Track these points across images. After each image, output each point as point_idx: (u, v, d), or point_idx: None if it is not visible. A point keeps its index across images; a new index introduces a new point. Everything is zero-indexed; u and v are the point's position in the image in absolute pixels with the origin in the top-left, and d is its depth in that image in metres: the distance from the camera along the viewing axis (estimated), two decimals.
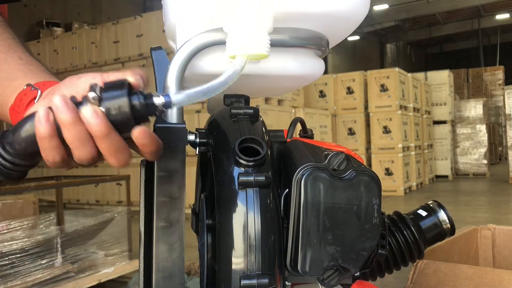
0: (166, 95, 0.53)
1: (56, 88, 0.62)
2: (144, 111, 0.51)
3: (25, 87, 0.67)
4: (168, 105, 0.53)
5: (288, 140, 0.73)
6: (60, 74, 3.98)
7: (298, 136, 0.83)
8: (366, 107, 8.09)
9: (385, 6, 16.77)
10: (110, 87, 0.51)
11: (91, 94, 0.50)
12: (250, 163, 0.57)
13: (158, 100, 0.52)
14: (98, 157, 0.55)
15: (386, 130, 7.76)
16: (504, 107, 9.44)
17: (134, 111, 0.51)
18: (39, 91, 0.65)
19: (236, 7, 0.60)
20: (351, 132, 8.09)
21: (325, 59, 0.79)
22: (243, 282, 0.55)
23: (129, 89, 0.51)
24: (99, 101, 0.50)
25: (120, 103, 0.50)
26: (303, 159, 0.60)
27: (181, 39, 0.65)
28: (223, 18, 0.62)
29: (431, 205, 0.81)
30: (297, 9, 0.63)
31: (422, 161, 8.76)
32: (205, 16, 0.63)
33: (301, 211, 0.57)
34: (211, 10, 0.62)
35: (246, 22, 0.60)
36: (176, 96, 0.53)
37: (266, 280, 0.55)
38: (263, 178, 0.57)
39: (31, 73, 0.73)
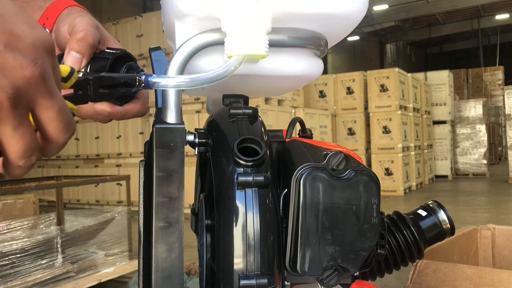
0: (148, 75, 0.57)
1: None
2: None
3: None
4: (147, 83, 0.56)
5: (287, 140, 0.73)
6: None
7: (297, 136, 0.83)
8: (366, 107, 8.09)
9: (385, 6, 16.77)
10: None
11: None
12: (249, 163, 0.57)
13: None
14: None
15: (386, 130, 7.76)
16: (504, 107, 9.44)
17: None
18: None
19: (234, 7, 0.60)
20: (351, 132, 8.09)
21: (324, 59, 0.79)
22: (242, 282, 0.55)
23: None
24: None
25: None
26: (302, 159, 0.60)
27: (180, 39, 0.65)
28: (221, 18, 0.62)
29: (431, 205, 0.81)
30: (296, 9, 0.63)
31: (422, 161, 8.76)
32: (203, 16, 0.63)
33: (300, 211, 0.57)
34: (210, 10, 0.62)
35: (245, 22, 0.60)
36: (157, 78, 0.56)
37: (265, 280, 0.55)
38: (262, 178, 0.57)
39: None
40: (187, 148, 0.62)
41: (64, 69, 0.48)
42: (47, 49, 0.41)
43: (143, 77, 0.56)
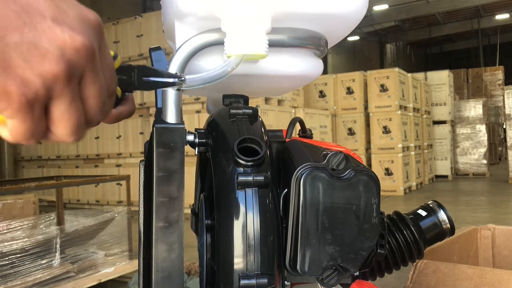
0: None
1: None
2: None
3: None
4: None
5: (287, 140, 0.73)
6: None
7: (297, 136, 0.83)
8: (366, 107, 8.09)
9: (385, 6, 16.76)
10: None
11: None
12: (249, 163, 0.57)
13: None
14: None
15: (386, 130, 7.76)
16: (504, 107, 9.44)
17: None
18: None
19: (234, 7, 0.60)
20: (351, 132, 8.09)
21: (324, 59, 0.79)
22: (242, 282, 0.55)
23: None
24: None
25: None
26: (302, 159, 0.60)
27: (180, 39, 0.65)
28: (221, 18, 0.62)
29: (431, 205, 0.81)
30: (296, 9, 0.63)
31: (422, 161, 8.76)
32: (203, 16, 0.63)
33: (300, 210, 0.57)
34: (210, 10, 0.62)
35: (244, 22, 0.60)
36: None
37: (265, 280, 0.55)
38: (262, 178, 0.57)
39: None
40: (187, 148, 0.62)
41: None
42: (93, 25, 0.40)
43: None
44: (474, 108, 10.38)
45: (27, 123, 0.37)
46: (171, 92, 0.60)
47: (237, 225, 0.57)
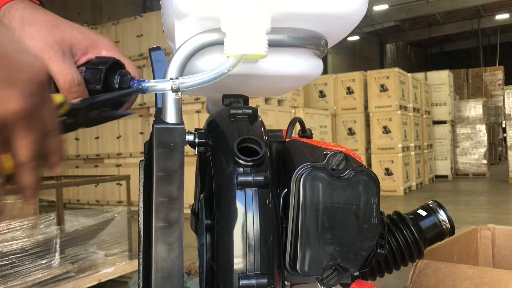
0: (141, 81, 0.60)
1: None
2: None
3: None
4: (141, 89, 0.59)
5: (287, 140, 0.73)
6: None
7: (297, 136, 0.83)
8: (366, 107, 8.09)
9: (385, 6, 16.76)
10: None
11: None
12: (249, 163, 0.57)
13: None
14: None
15: (386, 130, 7.76)
16: (504, 107, 9.44)
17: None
18: None
19: (234, 7, 0.60)
20: (351, 132, 8.09)
21: (324, 59, 0.79)
22: (242, 282, 0.55)
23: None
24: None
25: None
26: (302, 159, 0.60)
27: (180, 39, 0.65)
28: (221, 18, 0.62)
29: (431, 205, 0.81)
30: (296, 9, 0.63)
31: (422, 161, 8.76)
32: (203, 16, 0.63)
33: (300, 210, 0.57)
34: (210, 10, 0.62)
35: (244, 22, 0.60)
36: (149, 82, 0.59)
37: (265, 280, 0.55)
38: (261, 178, 0.57)
39: None
40: (187, 148, 0.62)
41: (57, 98, 0.50)
42: (41, 83, 0.44)
43: (135, 84, 0.60)
44: (474, 108, 10.38)
45: None
46: (170, 92, 0.60)
47: (237, 225, 0.57)
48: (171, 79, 0.58)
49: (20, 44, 0.44)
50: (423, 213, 0.80)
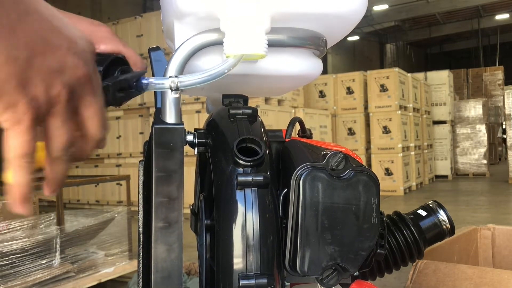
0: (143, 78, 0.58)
1: None
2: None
3: None
4: (140, 86, 0.58)
5: (287, 140, 0.73)
6: None
7: (297, 136, 0.83)
8: (366, 107, 8.09)
9: (385, 6, 16.76)
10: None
11: None
12: (249, 163, 0.57)
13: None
14: None
15: (386, 130, 7.76)
16: (504, 107, 9.44)
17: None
18: None
19: (234, 7, 0.60)
20: (351, 132, 8.09)
21: (324, 59, 0.79)
22: (242, 282, 0.55)
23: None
24: None
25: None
26: (302, 159, 0.60)
27: (179, 39, 0.65)
28: (221, 18, 0.62)
29: (431, 205, 0.81)
30: (295, 9, 0.63)
31: (422, 161, 8.76)
32: (203, 16, 0.63)
33: (300, 211, 0.57)
34: (209, 10, 0.62)
35: (244, 22, 0.60)
36: (148, 79, 0.58)
37: (264, 280, 0.55)
38: (261, 178, 0.57)
39: None
40: (187, 148, 0.62)
41: None
42: (92, 53, 0.46)
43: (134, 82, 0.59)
44: (474, 108, 10.38)
45: (26, 135, 0.41)
46: (170, 92, 0.60)
47: (237, 225, 0.57)
48: (170, 77, 0.58)
49: (71, 24, 0.46)
50: (423, 213, 0.80)
